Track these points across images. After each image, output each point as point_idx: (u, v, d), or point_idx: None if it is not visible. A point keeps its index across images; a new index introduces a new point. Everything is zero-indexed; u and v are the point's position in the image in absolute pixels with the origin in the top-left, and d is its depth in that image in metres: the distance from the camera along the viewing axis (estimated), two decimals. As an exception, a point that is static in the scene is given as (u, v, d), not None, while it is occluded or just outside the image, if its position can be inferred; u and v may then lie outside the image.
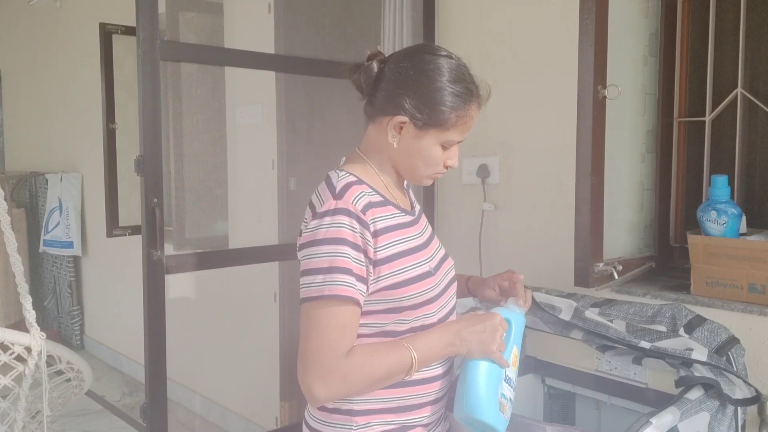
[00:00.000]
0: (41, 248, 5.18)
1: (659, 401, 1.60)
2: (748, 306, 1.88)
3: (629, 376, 1.73)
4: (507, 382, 1.32)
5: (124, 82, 3.84)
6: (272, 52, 2.90)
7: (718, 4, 2.22)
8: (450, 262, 1.45)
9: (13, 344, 1.46)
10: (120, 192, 3.84)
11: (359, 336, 1.27)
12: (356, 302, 1.23)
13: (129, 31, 3.82)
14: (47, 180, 5.18)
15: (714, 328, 1.69)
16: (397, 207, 1.34)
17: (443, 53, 1.33)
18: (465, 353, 1.31)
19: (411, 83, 1.29)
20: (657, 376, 1.68)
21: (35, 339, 1.47)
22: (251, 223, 3.27)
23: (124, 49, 3.88)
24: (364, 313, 1.27)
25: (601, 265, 2.13)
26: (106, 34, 3.84)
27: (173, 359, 2.00)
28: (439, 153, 1.32)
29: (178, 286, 3.66)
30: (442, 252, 1.44)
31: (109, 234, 3.86)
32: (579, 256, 2.16)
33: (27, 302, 1.53)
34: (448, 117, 1.29)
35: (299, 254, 1.27)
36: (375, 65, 1.33)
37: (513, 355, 1.35)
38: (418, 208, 1.46)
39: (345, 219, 1.23)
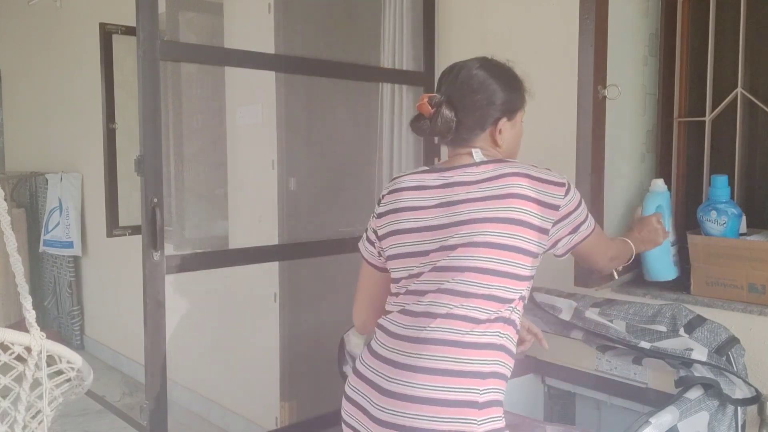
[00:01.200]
0: (41, 248, 5.18)
1: (659, 401, 1.60)
2: (748, 306, 1.88)
3: (629, 376, 1.73)
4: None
5: (124, 82, 3.84)
6: (272, 52, 2.90)
7: (718, 4, 2.22)
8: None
9: (13, 344, 1.45)
10: (120, 192, 3.84)
11: None
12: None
13: (129, 31, 3.82)
14: (47, 180, 5.17)
15: (714, 328, 1.69)
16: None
17: (483, 61, 1.60)
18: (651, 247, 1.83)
19: (486, 87, 1.51)
20: (657, 376, 1.68)
21: (35, 339, 1.47)
22: (251, 223, 3.27)
23: (124, 49, 3.88)
24: None
25: (601, 265, 2.13)
26: (106, 34, 3.84)
27: (173, 359, 2.00)
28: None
29: (178, 286, 3.66)
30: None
31: (109, 234, 3.86)
32: (579, 256, 2.16)
33: (27, 302, 1.53)
34: (524, 98, 1.60)
35: (572, 215, 1.45)
36: (444, 109, 1.48)
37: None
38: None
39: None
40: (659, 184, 2.10)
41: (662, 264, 2.06)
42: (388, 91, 2.71)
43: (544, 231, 1.39)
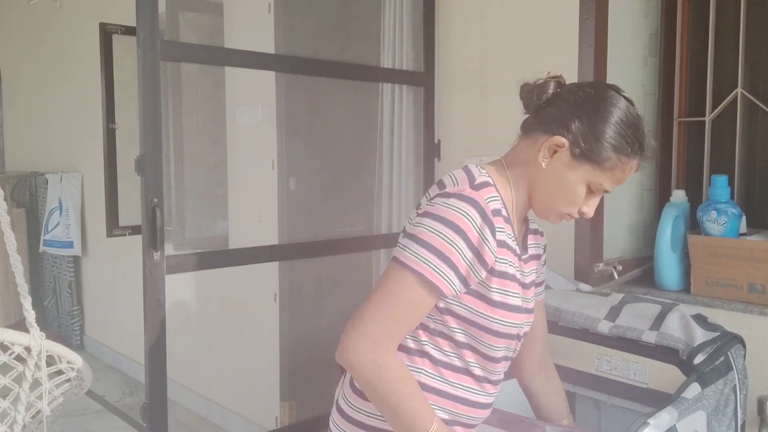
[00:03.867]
0: (41, 248, 5.18)
1: (659, 401, 1.60)
2: (748, 306, 1.88)
3: (629, 376, 1.73)
4: None
5: (124, 82, 3.84)
6: (272, 52, 2.90)
7: (718, 4, 2.22)
8: (531, 318, 1.38)
9: (12, 344, 1.45)
10: (120, 192, 3.83)
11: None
12: (439, 294, 1.21)
13: (129, 31, 3.81)
14: (47, 180, 5.17)
15: (714, 327, 1.69)
16: (513, 229, 1.29)
17: (626, 95, 1.26)
18: None
19: (587, 109, 1.23)
20: (657, 376, 1.68)
21: (35, 339, 1.47)
22: (251, 223, 3.27)
23: (124, 49, 3.87)
24: (454, 315, 1.26)
25: (601, 265, 2.14)
26: (106, 34, 3.84)
27: (173, 359, 2.00)
28: (582, 192, 1.26)
29: (178, 286, 3.66)
30: (531, 305, 1.38)
31: (109, 234, 3.86)
32: (579, 256, 2.16)
33: (27, 302, 1.53)
34: (608, 156, 1.22)
35: (415, 220, 1.25)
36: (552, 84, 1.28)
37: None
38: (531, 252, 1.39)
39: (471, 211, 1.19)
40: (680, 195, 2.12)
41: (672, 273, 2.08)
42: (388, 91, 2.71)
43: None
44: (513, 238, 1.29)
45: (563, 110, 1.24)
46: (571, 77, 2.13)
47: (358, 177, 2.99)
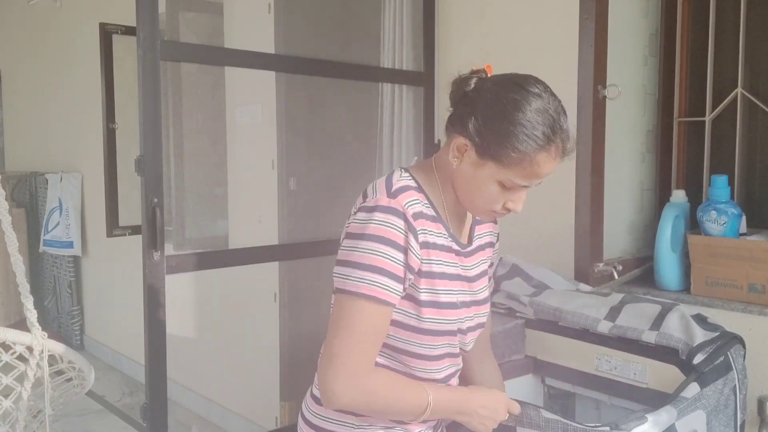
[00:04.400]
0: (41, 248, 5.18)
1: (659, 401, 1.60)
2: (748, 306, 1.88)
3: (629, 376, 1.73)
4: None
5: (124, 82, 3.84)
6: (272, 52, 2.90)
7: (718, 4, 2.22)
8: (482, 309, 1.39)
9: (14, 344, 1.46)
10: (120, 192, 3.83)
11: None
12: (392, 306, 1.22)
13: (129, 31, 3.81)
14: (47, 180, 5.17)
15: (714, 327, 1.69)
16: (446, 228, 1.30)
17: (535, 90, 1.20)
18: (467, 425, 1.32)
19: (484, 107, 1.21)
20: (657, 376, 1.68)
21: (37, 338, 1.47)
22: (251, 223, 3.27)
23: (124, 49, 3.87)
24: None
25: (601, 265, 2.14)
26: (106, 34, 3.84)
27: (173, 359, 2.00)
28: (496, 190, 1.24)
29: (178, 286, 3.66)
30: (481, 297, 1.39)
31: (109, 234, 3.86)
32: (579, 256, 2.16)
33: (28, 302, 1.53)
34: (508, 154, 1.19)
35: (343, 242, 1.25)
36: (473, 81, 1.25)
37: None
38: (478, 244, 1.40)
39: (392, 219, 1.20)
40: (680, 195, 2.13)
41: (672, 273, 2.08)
42: (388, 91, 2.71)
43: None
44: (447, 236, 1.30)
45: (471, 111, 1.23)
46: (571, 77, 2.14)
47: (358, 177, 2.99)
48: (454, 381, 1.40)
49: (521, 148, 1.18)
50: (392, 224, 1.20)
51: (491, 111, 1.20)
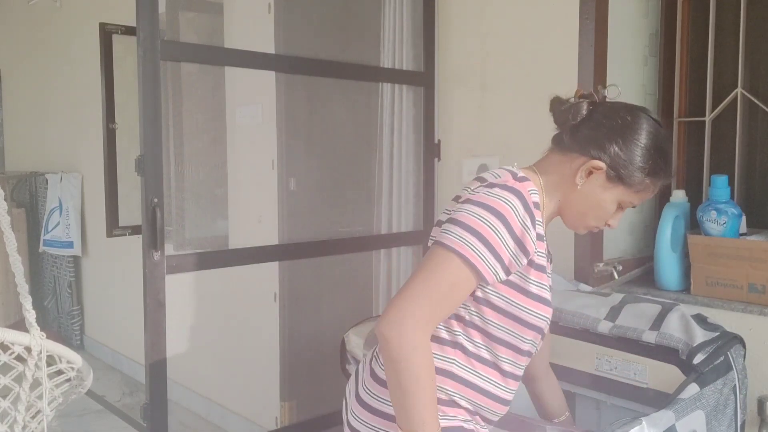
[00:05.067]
0: (41, 248, 5.18)
1: (659, 401, 1.60)
2: (748, 306, 1.88)
3: (629, 376, 1.73)
4: None
5: (124, 82, 3.84)
6: (272, 52, 2.90)
7: (718, 4, 2.22)
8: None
9: (13, 344, 1.45)
10: (120, 192, 3.84)
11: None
12: (480, 277, 1.22)
13: (129, 31, 3.81)
14: (47, 180, 5.17)
15: (714, 327, 1.69)
16: (544, 224, 1.34)
17: (655, 117, 1.33)
18: None
19: (623, 134, 1.29)
20: (657, 376, 1.68)
21: (35, 339, 1.47)
22: (251, 223, 3.27)
23: (124, 49, 3.87)
24: (491, 305, 1.28)
25: (601, 265, 2.14)
26: (106, 34, 3.84)
27: (173, 359, 2.00)
28: (613, 209, 1.34)
29: (178, 286, 3.66)
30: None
31: (109, 234, 3.86)
32: (579, 256, 2.16)
33: (27, 302, 1.53)
34: (641, 180, 1.29)
35: (456, 206, 1.27)
36: (585, 105, 1.33)
37: None
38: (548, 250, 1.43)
39: (514, 199, 1.23)
40: (680, 195, 2.13)
41: (672, 273, 2.08)
42: (388, 91, 2.71)
43: None
44: (544, 236, 1.33)
45: (600, 134, 1.29)
46: (571, 77, 2.14)
47: (358, 177, 2.99)
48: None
49: (655, 176, 1.30)
50: (512, 203, 1.22)
51: (631, 140, 1.28)
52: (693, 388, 1.48)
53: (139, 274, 1.89)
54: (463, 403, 1.32)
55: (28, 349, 1.48)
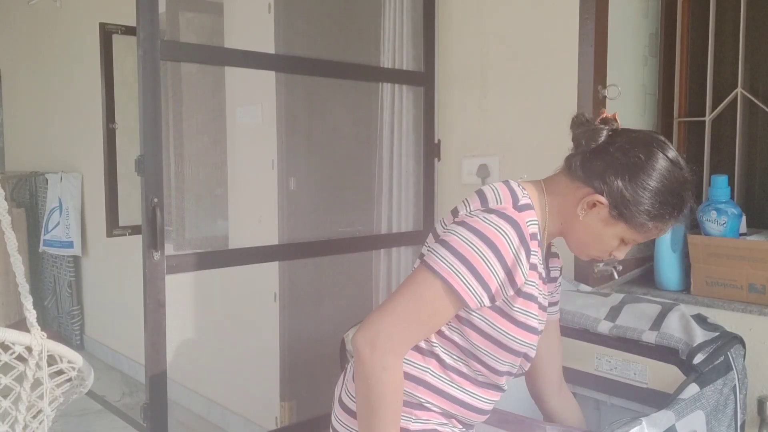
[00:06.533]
0: (41, 248, 5.17)
1: (659, 401, 1.60)
2: (748, 306, 1.88)
3: (629, 376, 1.73)
4: None
5: (124, 82, 3.84)
6: (272, 52, 2.90)
7: (718, 3, 2.22)
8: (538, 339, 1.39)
9: (14, 344, 1.45)
10: (120, 192, 3.83)
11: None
12: (464, 305, 1.21)
13: (129, 31, 3.81)
14: (47, 180, 5.17)
15: (714, 327, 1.69)
16: (542, 253, 1.30)
17: (673, 157, 1.24)
18: None
19: (632, 173, 1.22)
20: (657, 376, 1.68)
21: (36, 339, 1.47)
22: (251, 223, 3.27)
23: (124, 49, 3.87)
24: (473, 327, 1.26)
25: (601, 265, 2.14)
26: (106, 34, 3.84)
27: (173, 359, 2.00)
28: (615, 244, 1.29)
29: (178, 286, 3.66)
30: (543, 326, 1.39)
31: (109, 234, 3.86)
32: (579, 256, 2.16)
33: (27, 302, 1.53)
34: (645, 222, 1.24)
35: (451, 225, 1.25)
36: (605, 132, 1.26)
37: None
38: (553, 275, 1.42)
39: (509, 229, 1.20)
40: None
41: (672, 273, 2.09)
42: (388, 91, 2.71)
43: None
44: (541, 262, 1.30)
45: (609, 168, 1.23)
46: (571, 77, 2.14)
47: (358, 177, 2.99)
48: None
49: (661, 220, 1.24)
50: (507, 235, 1.20)
51: (641, 180, 1.21)
52: (693, 388, 1.48)
53: (139, 274, 1.89)
54: (436, 409, 1.32)
55: (29, 349, 1.48)
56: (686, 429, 1.42)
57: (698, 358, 1.57)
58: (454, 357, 1.30)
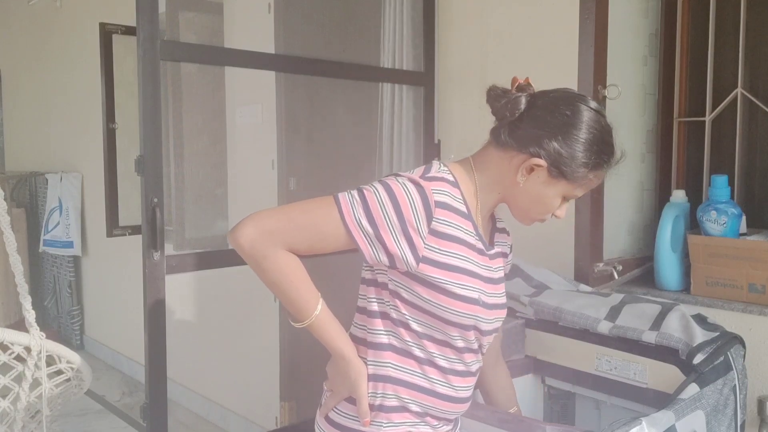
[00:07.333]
0: (41, 248, 5.18)
1: (659, 401, 1.60)
2: (748, 306, 1.88)
3: (629, 376, 1.73)
4: None
5: (124, 82, 3.84)
6: (272, 52, 2.90)
7: (718, 3, 2.22)
8: (502, 314, 1.40)
9: (12, 344, 1.46)
10: (120, 192, 3.83)
11: (387, 313, 1.32)
12: (345, 237, 1.26)
13: (129, 31, 3.81)
14: (47, 180, 5.17)
15: (714, 327, 1.69)
16: (475, 227, 1.31)
17: (595, 107, 1.28)
18: (327, 368, 1.43)
19: (563, 131, 1.25)
20: (657, 376, 1.68)
21: (35, 339, 1.47)
22: (251, 223, 3.27)
23: (124, 49, 3.87)
24: (403, 300, 1.29)
25: (601, 265, 2.14)
26: (106, 34, 3.84)
27: (173, 359, 2.00)
28: (558, 203, 1.31)
29: (178, 286, 3.66)
30: (502, 301, 1.39)
31: (109, 234, 3.86)
32: (579, 256, 2.16)
33: (27, 302, 1.53)
34: (584, 174, 1.27)
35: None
36: (523, 99, 1.29)
37: None
38: (498, 250, 1.41)
39: (414, 193, 1.23)
40: (680, 195, 2.13)
41: (672, 273, 2.09)
42: (388, 91, 2.71)
43: None
44: (474, 235, 1.30)
45: (540, 131, 1.26)
46: (571, 77, 2.14)
47: (358, 177, 2.98)
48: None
49: (597, 168, 1.27)
50: (411, 196, 1.23)
51: (570, 136, 1.25)
52: (693, 388, 1.48)
53: (139, 274, 1.89)
54: (410, 406, 1.32)
55: (28, 349, 1.48)
56: (686, 429, 1.42)
57: (698, 358, 1.57)
58: (407, 342, 1.31)
